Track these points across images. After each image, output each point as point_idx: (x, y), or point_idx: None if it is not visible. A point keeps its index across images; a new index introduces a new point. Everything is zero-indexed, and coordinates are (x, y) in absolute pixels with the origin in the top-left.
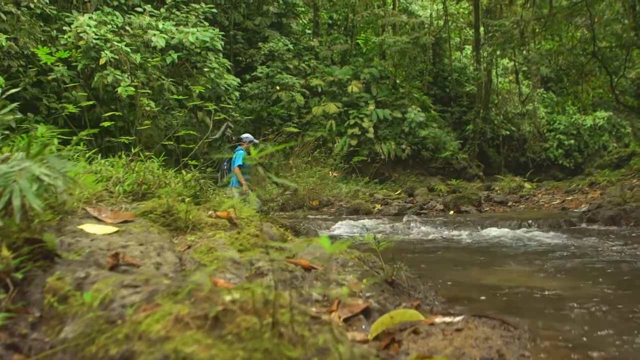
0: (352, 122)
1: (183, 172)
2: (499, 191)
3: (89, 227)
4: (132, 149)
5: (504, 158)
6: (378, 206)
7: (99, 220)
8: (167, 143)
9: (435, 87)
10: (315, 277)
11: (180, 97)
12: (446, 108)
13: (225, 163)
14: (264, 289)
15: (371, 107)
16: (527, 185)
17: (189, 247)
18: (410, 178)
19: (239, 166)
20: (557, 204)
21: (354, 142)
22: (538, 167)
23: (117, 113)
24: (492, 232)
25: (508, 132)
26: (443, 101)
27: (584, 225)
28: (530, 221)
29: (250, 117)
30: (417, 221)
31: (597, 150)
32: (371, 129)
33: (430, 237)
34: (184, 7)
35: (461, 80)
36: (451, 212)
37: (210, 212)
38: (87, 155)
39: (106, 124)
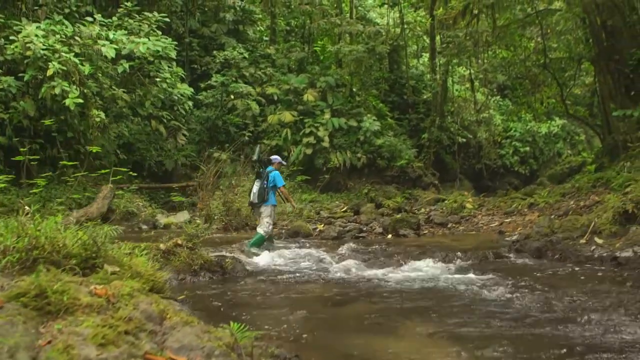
0: (307, 131)
1: (80, 232)
2: (442, 209)
3: None
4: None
5: (460, 165)
6: (320, 227)
7: None
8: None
9: (392, 94)
10: None
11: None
12: (403, 115)
13: (265, 182)
14: None
15: (327, 115)
16: (468, 205)
17: (50, 342)
18: (365, 187)
19: (274, 186)
20: (495, 226)
21: (309, 151)
22: (494, 174)
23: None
24: (415, 269)
25: (464, 140)
26: (400, 108)
27: (511, 256)
28: (458, 253)
29: (206, 125)
30: (345, 255)
31: (552, 157)
32: (326, 138)
33: (346, 278)
34: (137, 15)
35: (419, 87)
36: (389, 236)
37: (92, 288)
38: None
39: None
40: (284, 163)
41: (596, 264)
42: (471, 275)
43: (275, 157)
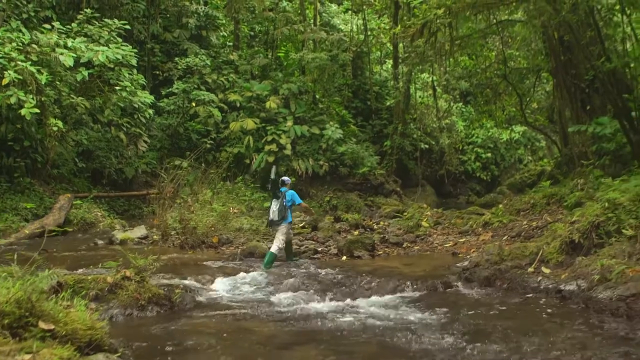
0: (269, 138)
1: (13, 288)
2: (399, 227)
3: None
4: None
5: (423, 171)
6: None
7: None
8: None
9: (356, 99)
10: None
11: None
12: (367, 121)
13: (284, 200)
14: None
15: (289, 123)
16: (424, 224)
17: None
18: (327, 194)
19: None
20: (449, 246)
21: (271, 159)
22: (456, 179)
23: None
24: (364, 304)
25: (427, 146)
26: (364, 114)
27: (460, 286)
28: (408, 283)
29: (167, 132)
30: (297, 284)
31: (513, 163)
32: (289, 146)
33: (296, 314)
34: (97, 22)
35: (382, 93)
36: (344, 258)
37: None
38: None
39: None
40: (290, 182)
41: (541, 296)
42: (419, 313)
43: (287, 179)
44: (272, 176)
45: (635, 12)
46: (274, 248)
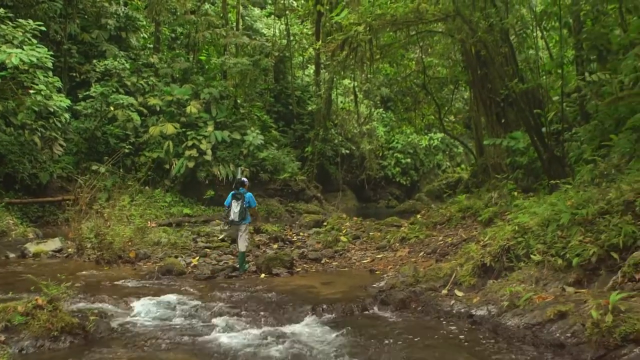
0: (190, 143)
1: None
2: (319, 241)
3: None
4: None
5: (343, 176)
6: (194, 261)
7: None
8: None
9: (278, 104)
10: None
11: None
12: (288, 126)
13: (246, 202)
14: None
15: (210, 128)
16: (343, 238)
17: None
18: None
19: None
20: (367, 262)
21: (191, 165)
22: (376, 184)
23: None
24: (280, 331)
25: (348, 151)
26: (286, 118)
27: (376, 309)
28: (324, 306)
29: (84, 136)
30: (215, 309)
31: (432, 169)
32: (209, 151)
33: (213, 343)
34: (10, 22)
35: (304, 97)
36: (262, 276)
37: None
38: None
39: None
40: (248, 184)
41: (454, 321)
42: (334, 340)
43: (246, 180)
44: (238, 176)
45: (549, 32)
46: (242, 248)
